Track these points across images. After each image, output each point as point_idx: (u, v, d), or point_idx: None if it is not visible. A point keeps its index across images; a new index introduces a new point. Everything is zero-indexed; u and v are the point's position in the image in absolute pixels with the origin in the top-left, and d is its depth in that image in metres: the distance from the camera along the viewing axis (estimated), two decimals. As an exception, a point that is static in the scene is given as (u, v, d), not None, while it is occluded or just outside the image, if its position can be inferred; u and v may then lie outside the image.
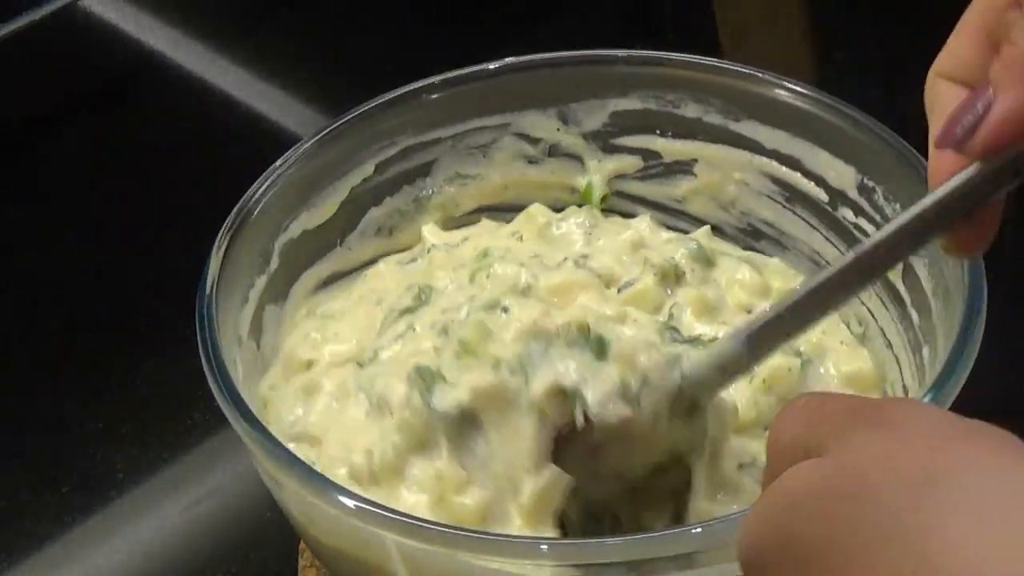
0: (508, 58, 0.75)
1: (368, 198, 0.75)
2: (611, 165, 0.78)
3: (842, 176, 0.70)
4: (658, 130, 0.76)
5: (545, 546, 0.51)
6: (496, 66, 0.75)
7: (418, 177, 0.77)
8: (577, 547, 0.52)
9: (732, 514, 0.53)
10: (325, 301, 0.73)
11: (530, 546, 0.52)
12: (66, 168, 1.05)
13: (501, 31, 1.14)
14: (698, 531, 0.50)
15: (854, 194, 0.69)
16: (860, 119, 0.67)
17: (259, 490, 0.61)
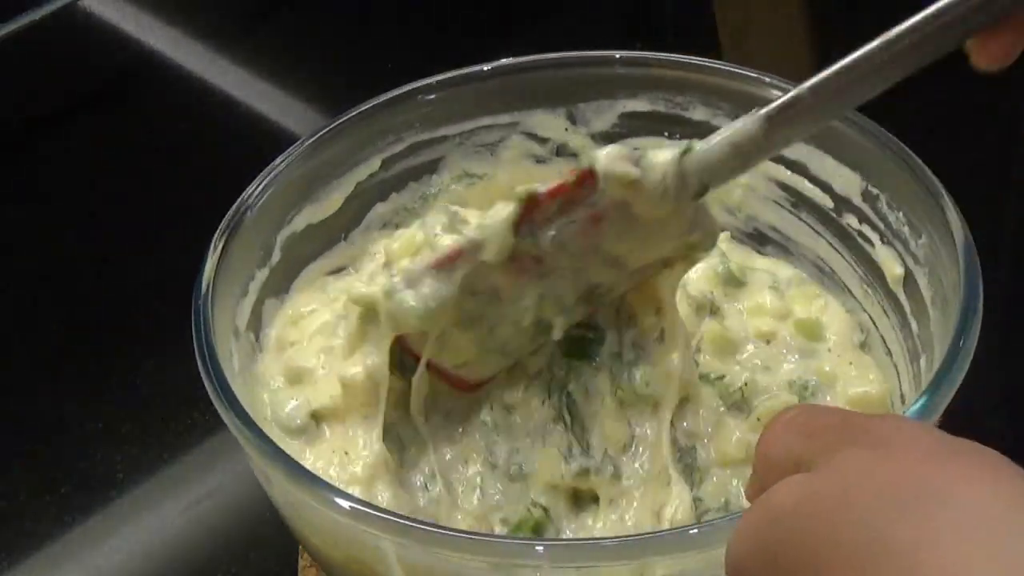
0: (518, 57, 0.75)
1: (374, 194, 0.75)
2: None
3: (847, 182, 0.70)
4: (666, 132, 0.75)
5: (540, 547, 0.51)
6: (506, 65, 0.75)
7: (424, 174, 0.77)
8: (573, 548, 0.53)
9: (726, 517, 0.53)
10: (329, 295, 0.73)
11: (525, 547, 0.52)
12: (66, 168, 1.05)
13: (500, 31, 1.14)
14: (695, 532, 0.50)
15: (858, 201, 0.69)
16: (866, 126, 0.67)
17: (259, 490, 0.61)
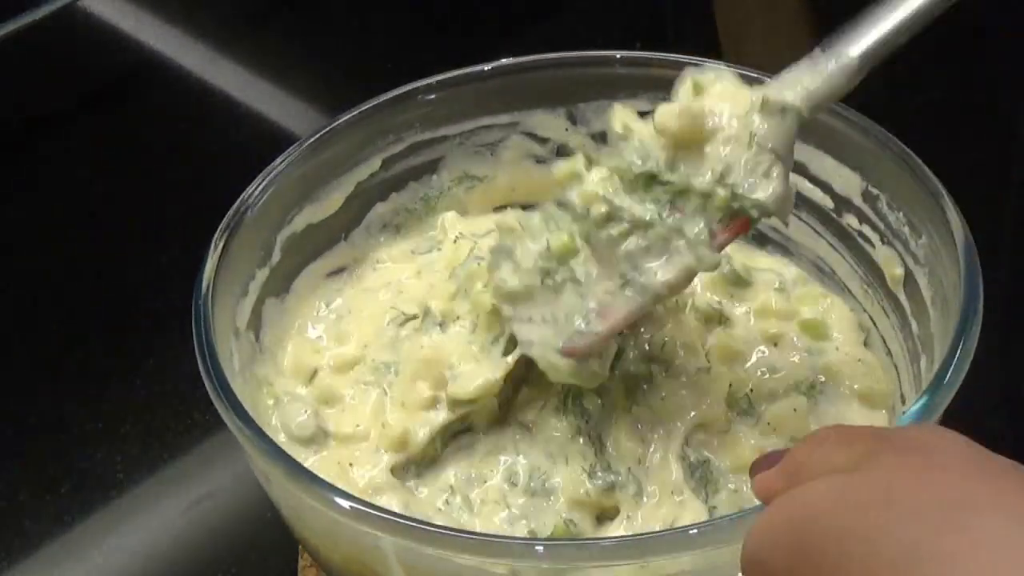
0: (518, 57, 0.75)
1: (374, 194, 0.75)
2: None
3: (847, 182, 0.70)
4: (666, 132, 0.75)
5: (540, 547, 0.51)
6: (506, 65, 0.74)
7: (425, 174, 0.77)
8: (573, 548, 0.52)
9: (725, 517, 0.53)
10: (330, 295, 0.74)
11: (525, 547, 0.52)
12: (66, 168, 1.05)
13: (500, 31, 1.14)
14: (695, 532, 0.50)
15: (858, 201, 0.69)
16: (867, 126, 0.67)
17: (259, 490, 0.61)
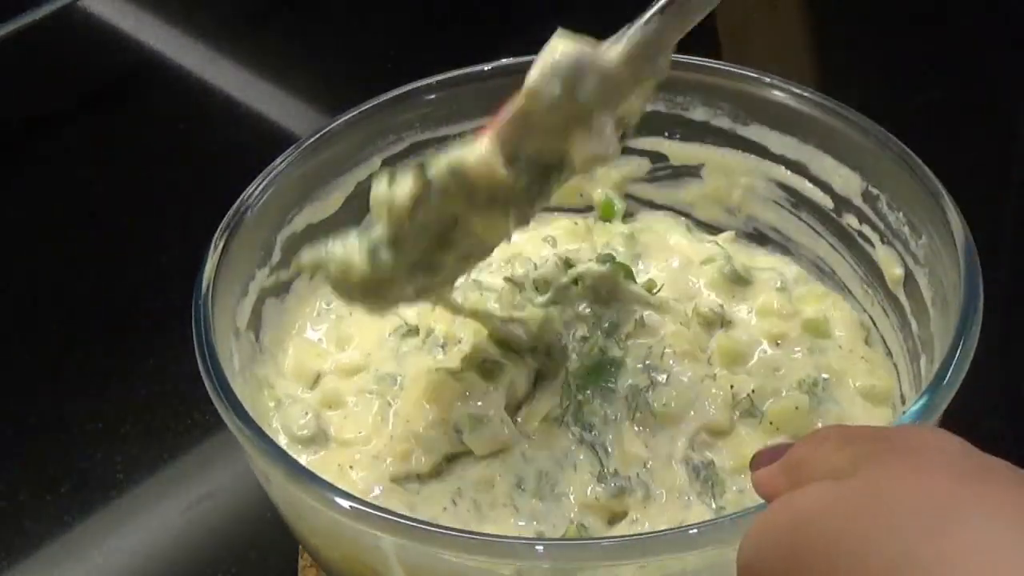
0: (518, 57, 0.74)
1: (375, 193, 0.75)
2: (619, 171, 0.77)
3: (847, 182, 0.70)
4: (666, 132, 0.76)
5: (540, 547, 0.52)
6: (506, 65, 0.74)
7: (425, 175, 0.77)
8: (573, 548, 0.53)
9: (725, 517, 0.53)
10: (330, 295, 0.73)
11: (525, 547, 0.52)
12: (66, 168, 1.05)
13: (500, 31, 1.14)
14: (695, 531, 0.50)
15: (858, 201, 0.69)
16: (867, 126, 0.67)
17: (259, 490, 0.61)
